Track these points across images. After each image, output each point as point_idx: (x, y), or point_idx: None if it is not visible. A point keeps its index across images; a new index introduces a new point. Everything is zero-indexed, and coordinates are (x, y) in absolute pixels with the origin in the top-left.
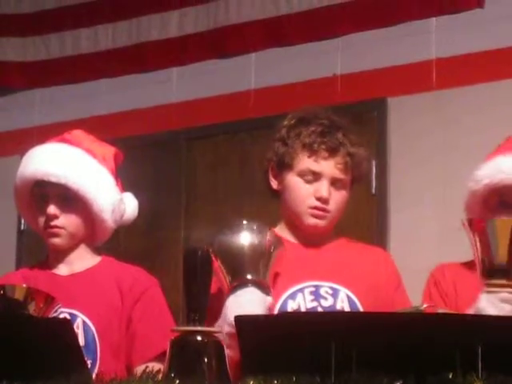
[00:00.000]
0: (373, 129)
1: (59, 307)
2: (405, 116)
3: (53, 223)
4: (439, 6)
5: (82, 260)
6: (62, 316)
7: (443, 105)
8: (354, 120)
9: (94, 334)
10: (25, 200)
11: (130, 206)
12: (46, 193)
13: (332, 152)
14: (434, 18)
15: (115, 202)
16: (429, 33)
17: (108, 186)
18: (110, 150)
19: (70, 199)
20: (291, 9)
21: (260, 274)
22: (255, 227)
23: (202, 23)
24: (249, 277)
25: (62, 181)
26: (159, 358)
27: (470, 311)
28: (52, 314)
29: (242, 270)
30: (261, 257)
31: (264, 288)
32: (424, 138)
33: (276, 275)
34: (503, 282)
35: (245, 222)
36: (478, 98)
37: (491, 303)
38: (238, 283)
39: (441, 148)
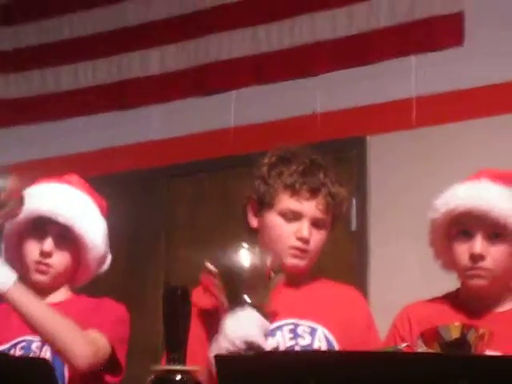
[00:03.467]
0: (352, 166)
1: None
2: (384, 154)
3: (45, 261)
4: (419, 44)
5: (55, 295)
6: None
7: (423, 142)
8: (334, 158)
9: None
10: (17, 230)
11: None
12: (45, 229)
13: (314, 192)
14: (414, 56)
15: (105, 252)
16: (408, 71)
17: (104, 234)
18: (103, 201)
19: (66, 239)
20: (271, 47)
21: (259, 298)
22: (257, 250)
23: (183, 61)
24: (248, 299)
25: (69, 222)
26: None
27: None
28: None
29: (241, 291)
30: (260, 279)
31: (263, 312)
32: (403, 175)
33: None
34: None
35: (245, 244)
36: (458, 135)
37: None
38: (238, 304)
39: (419, 185)
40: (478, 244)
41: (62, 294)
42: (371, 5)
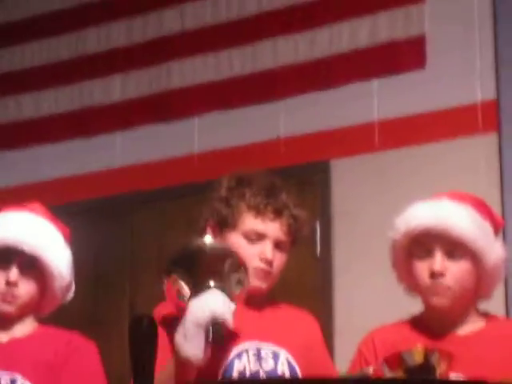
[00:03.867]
0: (316, 191)
1: None
2: (348, 178)
3: (11, 291)
4: (380, 68)
5: (21, 327)
6: (3, 380)
7: (386, 166)
8: (298, 182)
9: None
10: None
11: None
12: (10, 258)
13: (277, 213)
14: (376, 80)
15: (70, 281)
16: (371, 94)
17: (69, 262)
18: (66, 229)
19: (32, 268)
20: (233, 72)
21: (225, 283)
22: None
23: (145, 87)
24: (212, 283)
25: (35, 252)
26: None
27: None
28: None
29: (206, 277)
30: (228, 266)
31: (229, 294)
32: (367, 199)
33: None
34: None
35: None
36: (421, 158)
37: None
38: (202, 289)
39: (384, 208)
40: (438, 261)
41: (27, 326)
42: (332, 29)
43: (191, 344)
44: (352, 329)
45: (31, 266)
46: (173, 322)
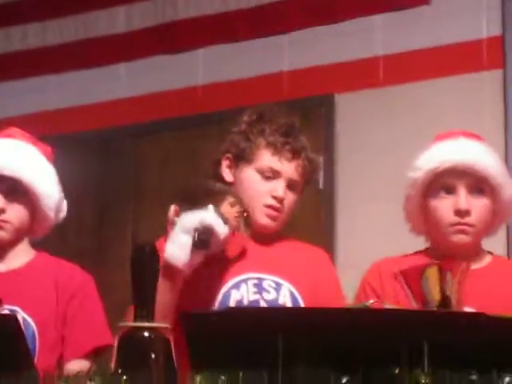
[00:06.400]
0: (320, 124)
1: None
2: (352, 112)
3: (0, 217)
4: (386, 3)
5: (17, 256)
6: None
7: (390, 101)
8: (302, 116)
9: (33, 331)
10: None
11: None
12: None
13: (295, 154)
14: (381, 15)
15: (59, 199)
16: (375, 29)
17: (55, 182)
18: (47, 149)
19: (16, 192)
20: (239, 4)
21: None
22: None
23: (150, 18)
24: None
25: (16, 175)
26: (91, 354)
27: None
28: None
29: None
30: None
31: (224, 218)
32: (372, 134)
33: (221, 260)
34: None
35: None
36: (426, 93)
37: None
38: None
39: (389, 144)
40: (463, 199)
41: (24, 254)
42: None
43: (175, 245)
44: (354, 263)
45: (16, 190)
46: None
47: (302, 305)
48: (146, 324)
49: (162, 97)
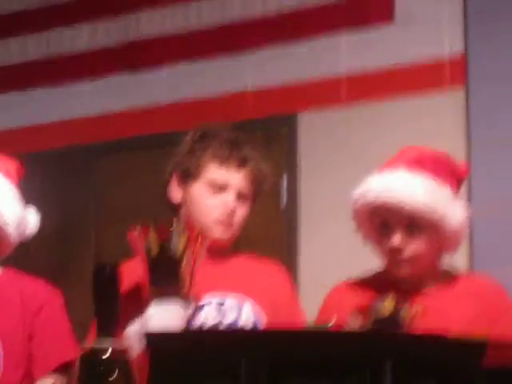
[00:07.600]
0: (283, 144)
1: None
2: (315, 131)
3: None
4: (349, 22)
5: None
6: None
7: (353, 120)
8: (264, 135)
9: None
10: None
11: (33, 220)
12: None
13: (241, 164)
14: (344, 34)
15: (20, 216)
16: (338, 48)
17: (13, 199)
18: (12, 164)
19: None
20: (202, 23)
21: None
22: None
23: (113, 37)
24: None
25: None
26: (59, 369)
27: None
28: None
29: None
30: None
31: (187, 298)
32: (334, 153)
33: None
34: None
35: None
36: (388, 112)
37: None
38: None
39: (350, 163)
40: (396, 238)
41: None
42: None
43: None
44: (316, 282)
45: None
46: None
47: (265, 321)
48: (106, 345)
49: (124, 115)
